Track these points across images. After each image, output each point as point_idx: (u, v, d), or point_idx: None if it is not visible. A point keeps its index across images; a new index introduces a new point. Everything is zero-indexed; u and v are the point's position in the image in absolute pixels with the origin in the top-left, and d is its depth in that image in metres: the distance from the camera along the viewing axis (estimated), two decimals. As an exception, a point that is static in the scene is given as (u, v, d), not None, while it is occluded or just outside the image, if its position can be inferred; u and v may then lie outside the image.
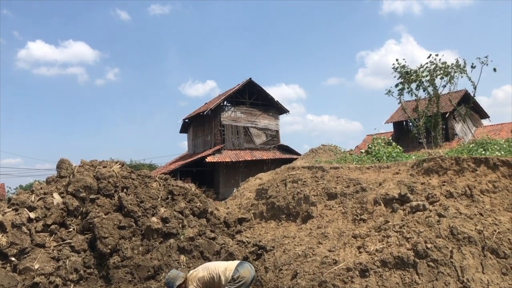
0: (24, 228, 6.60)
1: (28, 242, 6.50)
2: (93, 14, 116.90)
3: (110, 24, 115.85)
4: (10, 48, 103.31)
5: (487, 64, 19.45)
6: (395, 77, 21.32)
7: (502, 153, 7.93)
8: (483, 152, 8.35)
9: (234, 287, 5.17)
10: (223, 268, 5.35)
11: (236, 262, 5.58)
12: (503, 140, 9.98)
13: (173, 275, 5.51)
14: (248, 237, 7.73)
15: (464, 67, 20.06)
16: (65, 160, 8.43)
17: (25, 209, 6.98)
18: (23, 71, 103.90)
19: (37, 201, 7.23)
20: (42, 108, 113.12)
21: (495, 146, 8.77)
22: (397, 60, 21.01)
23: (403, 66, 20.83)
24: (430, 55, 20.63)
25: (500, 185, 6.41)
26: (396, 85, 21.29)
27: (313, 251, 6.43)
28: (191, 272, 5.53)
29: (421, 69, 20.65)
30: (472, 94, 22.30)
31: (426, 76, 20.56)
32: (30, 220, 6.84)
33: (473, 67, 19.86)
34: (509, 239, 5.29)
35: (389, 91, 21.48)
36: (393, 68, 21.19)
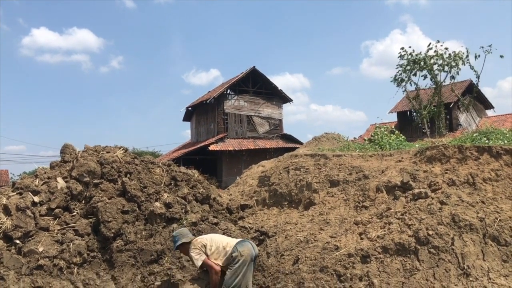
0: (28, 212, 6.67)
1: (32, 225, 6.57)
2: (98, 2, 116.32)
3: (115, 12, 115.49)
4: (15, 35, 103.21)
5: (491, 52, 19.25)
6: (400, 66, 21.19)
7: (506, 142, 7.91)
8: (487, 141, 8.32)
9: (233, 269, 5.29)
10: (225, 242, 5.59)
11: (238, 239, 5.77)
12: (507, 130, 9.93)
13: (183, 231, 5.73)
14: (250, 223, 7.78)
15: (467, 56, 19.87)
16: (69, 145, 8.47)
17: (29, 193, 7.04)
18: (27, 58, 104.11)
19: (41, 185, 7.28)
20: (46, 95, 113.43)
21: (499, 135, 8.74)
22: (402, 48, 20.89)
23: (411, 54, 20.69)
24: (430, 43, 20.40)
25: (502, 173, 6.41)
26: (399, 75, 21.23)
27: (314, 237, 6.46)
28: (197, 237, 5.73)
29: (429, 56, 20.49)
30: (475, 84, 22.18)
31: (433, 64, 20.43)
32: (34, 203, 6.90)
33: (476, 57, 19.65)
34: (510, 226, 5.29)
35: (395, 78, 21.37)
36: (400, 56, 21.06)
